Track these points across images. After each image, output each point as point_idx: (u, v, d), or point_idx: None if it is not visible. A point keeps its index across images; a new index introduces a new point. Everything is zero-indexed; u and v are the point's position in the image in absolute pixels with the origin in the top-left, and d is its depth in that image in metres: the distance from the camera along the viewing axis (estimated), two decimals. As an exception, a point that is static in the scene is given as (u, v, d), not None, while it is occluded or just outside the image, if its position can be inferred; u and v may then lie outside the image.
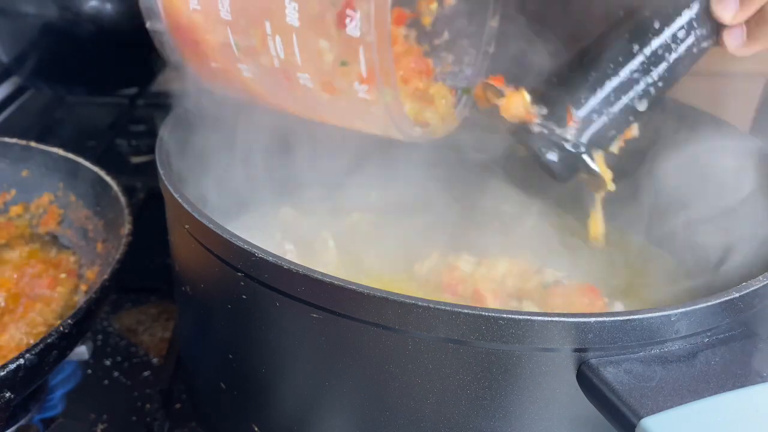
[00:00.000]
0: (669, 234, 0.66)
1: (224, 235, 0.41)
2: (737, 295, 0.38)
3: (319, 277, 0.37)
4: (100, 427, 0.57)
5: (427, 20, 0.59)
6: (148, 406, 0.59)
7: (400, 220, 0.70)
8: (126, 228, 0.60)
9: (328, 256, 0.63)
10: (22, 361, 0.46)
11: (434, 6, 0.59)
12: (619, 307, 0.56)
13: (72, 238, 0.70)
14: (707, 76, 0.64)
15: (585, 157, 0.52)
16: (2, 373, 0.45)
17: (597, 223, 0.58)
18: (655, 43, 0.51)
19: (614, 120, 0.53)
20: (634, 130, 0.55)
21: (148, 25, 0.55)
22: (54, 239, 0.70)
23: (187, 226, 0.44)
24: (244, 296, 0.42)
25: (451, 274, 0.57)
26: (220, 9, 0.47)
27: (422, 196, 0.75)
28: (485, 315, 0.35)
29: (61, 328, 0.49)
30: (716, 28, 0.52)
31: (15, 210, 0.72)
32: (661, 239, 0.67)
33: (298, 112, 0.54)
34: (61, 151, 0.71)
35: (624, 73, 0.52)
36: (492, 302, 0.54)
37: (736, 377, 0.36)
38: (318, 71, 0.46)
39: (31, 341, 0.57)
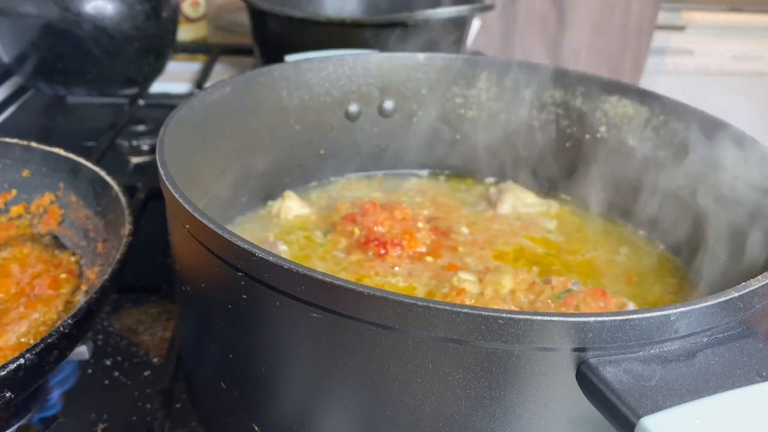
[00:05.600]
0: (676, 235, 0.66)
1: (225, 235, 0.41)
2: (736, 294, 0.38)
3: (320, 277, 0.37)
4: (101, 426, 0.57)
5: None
6: (148, 405, 0.59)
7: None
8: (126, 228, 0.60)
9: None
10: (22, 361, 0.47)
11: None
12: (630, 308, 0.56)
13: (72, 238, 0.70)
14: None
15: None
16: (2, 373, 0.45)
17: None
18: None
19: None
20: None
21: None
22: (54, 239, 0.70)
23: (187, 226, 0.44)
24: (244, 296, 0.42)
25: (459, 298, 0.57)
26: None
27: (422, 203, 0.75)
28: (485, 315, 0.35)
29: (62, 328, 0.49)
30: None
31: (15, 210, 0.72)
32: (669, 240, 0.68)
33: None
34: (61, 152, 0.71)
35: None
36: None
37: (736, 377, 0.36)
38: None
39: (32, 341, 0.57)
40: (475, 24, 1.28)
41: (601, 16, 1.61)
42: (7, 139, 0.73)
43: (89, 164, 0.69)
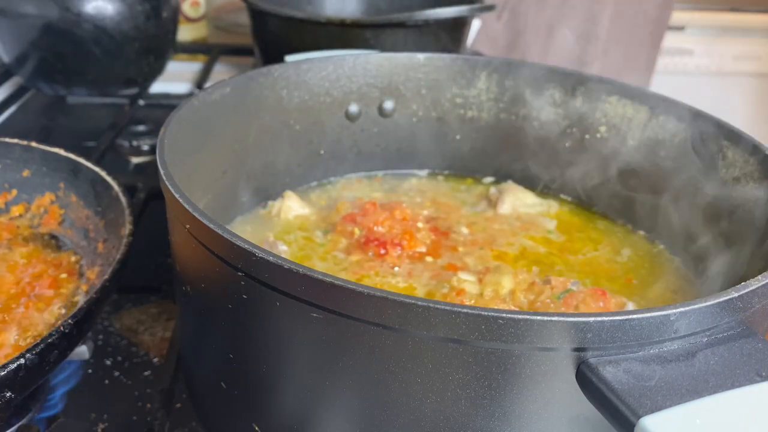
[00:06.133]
0: (676, 235, 0.66)
1: (225, 235, 0.41)
2: (736, 294, 0.38)
3: (320, 277, 0.37)
4: (101, 426, 0.57)
5: None
6: (148, 405, 0.59)
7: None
8: (127, 228, 0.60)
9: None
10: (22, 360, 0.47)
11: None
12: (630, 308, 0.56)
13: (73, 238, 0.70)
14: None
15: None
16: (3, 373, 0.45)
17: None
18: None
19: None
20: None
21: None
22: (55, 239, 0.70)
23: (187, 226, 0.44)
24: (244, 296, 0.42)
25: (459, 298, 0.57)
26: None
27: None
28: (485, 315, 0.35)
29: (62, 328, 0.49)
30: None
31: (16, 210, 0.72)
32: (668, 240, 0.68)
33: None
34: (62, 152, 0.71)
35: None
36: None
37: (735, 377, 0.36)
38: None
39: (32, 341, 0.57)
40: (475, 24, 1.28)
41: (617, 23, 1.60)
42: (7, 139, 0.73)
43: (89, 164, 0.69)
